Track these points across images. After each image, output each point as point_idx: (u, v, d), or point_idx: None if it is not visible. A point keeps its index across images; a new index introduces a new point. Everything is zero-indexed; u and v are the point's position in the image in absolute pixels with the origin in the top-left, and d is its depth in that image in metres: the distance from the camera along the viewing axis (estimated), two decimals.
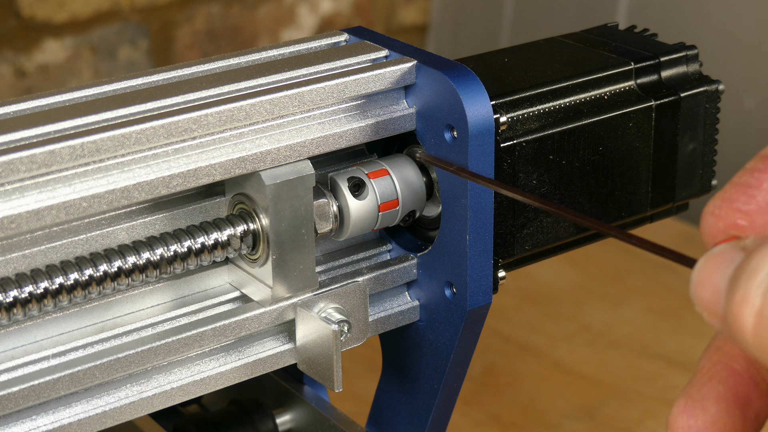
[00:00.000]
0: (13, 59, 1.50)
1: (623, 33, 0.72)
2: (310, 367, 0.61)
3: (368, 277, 0.63)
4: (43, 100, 0.57)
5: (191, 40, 1.64)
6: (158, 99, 0.57)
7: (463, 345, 0.63)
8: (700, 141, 0.69)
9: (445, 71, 0.59)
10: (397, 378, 0.67)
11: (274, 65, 0.61)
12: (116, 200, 0.54)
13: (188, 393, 0.59)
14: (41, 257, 0.55)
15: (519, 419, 1.00)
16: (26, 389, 0.54)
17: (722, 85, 0.69)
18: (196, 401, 0.76)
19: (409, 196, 0.62)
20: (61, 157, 0.52)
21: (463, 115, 0.59)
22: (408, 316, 0.65)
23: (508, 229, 0.63)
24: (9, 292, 0.53)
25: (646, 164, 0.67)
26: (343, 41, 0.65)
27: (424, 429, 0.66)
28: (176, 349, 0.58)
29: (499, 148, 0.61)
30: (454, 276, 0.62)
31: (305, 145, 0.59)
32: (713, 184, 0.71)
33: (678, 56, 0.69)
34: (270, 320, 0.60)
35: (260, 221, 0.58)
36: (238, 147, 0.57)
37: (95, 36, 1.55)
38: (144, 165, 0.55)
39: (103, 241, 0.57)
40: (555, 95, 0.65)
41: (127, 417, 0.57)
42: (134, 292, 0.59)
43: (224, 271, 0.62)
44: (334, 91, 0.59)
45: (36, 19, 1.50)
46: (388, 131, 0.61)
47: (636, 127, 0.66)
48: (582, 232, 0.66)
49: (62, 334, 0.57)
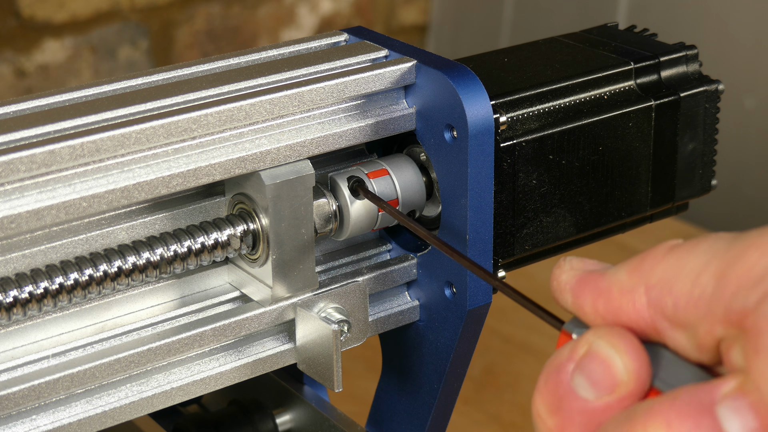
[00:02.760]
0: (13, 59, 1.50)
1: (623, 33, 0.72)
2: (310, 367, 0.61)
3: (368, 277, 0.63)
4: (43, 100, 0.57)
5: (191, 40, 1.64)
6: (158, 99, 0.57)
7: (463, 345, 0.63)
8: (700, 141, 0.69)
9: (445, 71, 0.59)
10: (397, 378, 0.67)
11: (274, 65, 0.61)
12: (116, 200, 0.54)
13: (188, 393, 0.59)
14: (41, 257, 0.55)
15: (519, 419, 1.00)
16: (26, 389, 0.54)
17: (722, 85, 0.69)
18: (196, 401, 0.76)
19: (408, 196, 0.62)
20: (61, 157, 0.52)
21: (463, 114, 0.59)
22: (408, 316, 0.65)
23: (508, 229, 0.63)
24: (9, 292, 0.53)
25: (646, 164, 0.67)
26: (342, 41, 0.65)
27: (424, 429, 0.66)
28: (176, 349, 0.58)
29: (499, 147, 0.61)
30: (454, 276, 0.62)
31: (305, 145, 0.59)
32: (713, 184, 0.71)
33: (678, 56, 0.69)
34: (270, 320, 0.60)
35: (260, 221, 0.58)
36: (238, 147, 0.57)
37: (95, 36, 1.56)
38: (144, 165, 0.55)
39: (103, 241, 0.57)
40: (555, 95, 0.65)
41: (127, 417, 0.57)
42: (134, 292, 0.59)
43: (224, 271, 0.62)
44: (333, 91, 0.59)
45: (36, 19, 1.51)
46: (387, 131, 0.61)
47: (636, 127, 0.66)
48: (582, 232, 0.66)
49: (62, 334, 0.57)
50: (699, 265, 0.41)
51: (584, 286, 0.43)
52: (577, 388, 0.41)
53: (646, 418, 0.39)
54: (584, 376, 0.41)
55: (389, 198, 0.61)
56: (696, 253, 0.41)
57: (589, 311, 0.43)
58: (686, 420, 0.39)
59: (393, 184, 0.61)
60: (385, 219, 0.62)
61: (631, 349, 0.41)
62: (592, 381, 0.41)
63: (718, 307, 0.40)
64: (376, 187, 0.61)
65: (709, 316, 0.40)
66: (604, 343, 0.41)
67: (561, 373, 0.42)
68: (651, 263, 0.42)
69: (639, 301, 0.42)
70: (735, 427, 0.38)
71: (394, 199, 0.61)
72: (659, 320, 0.42)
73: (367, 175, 0.61)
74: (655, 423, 0.39)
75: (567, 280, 0.44)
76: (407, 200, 0.62)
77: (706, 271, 0.40)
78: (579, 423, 0.41)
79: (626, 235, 0.71)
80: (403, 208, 0.62)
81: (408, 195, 0.62)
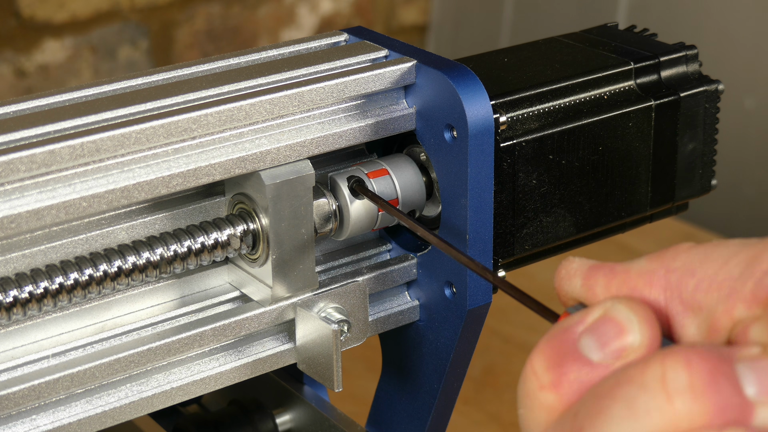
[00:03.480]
0: (13, 59, 1.50)
1: (623, 33, 0.72)
2: (310, 366, 0.61)
3: (368, 276, 0.63)
4: (43, 100, 0.57)
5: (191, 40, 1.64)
6: (158, 99, 0.57)
7: (463, 345, 0.63)
8: (700, 141, 0.69)
9: (445, 71, 0.59)
10: (397, 378, 0.67)
11: (274, 65, 0.61)
12: (116, 200, 0.54)
13: (188, 393, 0.59)
14: (41, 257, 0.55)
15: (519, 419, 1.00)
16: (26, 389, 0.54)
17: (722, 85, 0.69)
18: (196, 401, 0.76)
19: (408, 196, 0.62)
20: (61, 157, 0.52)
21: (463, 114, 0.59)
22: (408, 316, 0.65)
23: (508, 229, 0.63)
24: (9, 292, 0.53)
25: (646, 164, 0.67)
26: (342, 41, 0.65)
27: (424, 429, 0.66)
28: (176, 349, 0.58)
29: (499, 147, 0.61)
30: (454, 276, 0.62)
31: (305, 145, 0.59)
32: (713, 183, 0.71)
33: (678, 56, 0.69)
34: (270, 320, 0.60)
35: (260, 221, 0.58)
36: (238, 147, 0.57)
37: (95, 36, 1.56)
38: (144, 165, 0.55)
39: (103, 241, 0.57)
40: (555, 95, 0.65)
41: (127, 417, 0.57)
42: (134, 292, 0.59)
43: (224, 270, 0.62)
44: (333, 91, 0.60)
45: (36, 19, 1.51)
46: (387, 131, 0.61)
47: (636, 126, 0.66)
48: (582, 232, 0.67)
49: (62, 334, 0.57)
50: (728, 253, 0.41)
51: (598, 269, 0.44)
52: (583, 348, 0.41)
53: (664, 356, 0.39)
54: (594, 337, 0.41)
55: (389, 198, 0.61)
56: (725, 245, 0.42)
57: (601, 292, 0.43)
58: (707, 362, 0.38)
59: (393, 184, 0.61)
60: (385, 219, 0.62)
61: (649, 320, 0.41)
62: (602, 342, 0.41)
63: (744, 286, 0.40)
64: (376, 187, 0.61)
65: (733, 295, 0.40)
66: (624, 308, 0.41)
67: (568, 332, 0.41)
68: (674, 253, 0.43)
69: (657, 283, 0.42)
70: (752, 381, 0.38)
71: (394, 199, 0.61)
72: (674, 303, 0.42)
73: (367, 175, 0.61)
74: (675, 359, 0.38)
75: (578, 267, 0.44)
76: (407, 200, 0.62)
77: (736, 257, 0.41)
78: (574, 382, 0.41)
79: (626, 235, 0.71)
80: (403, 208, 0.62)
81: (408, 195, 0.62)
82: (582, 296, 0.44)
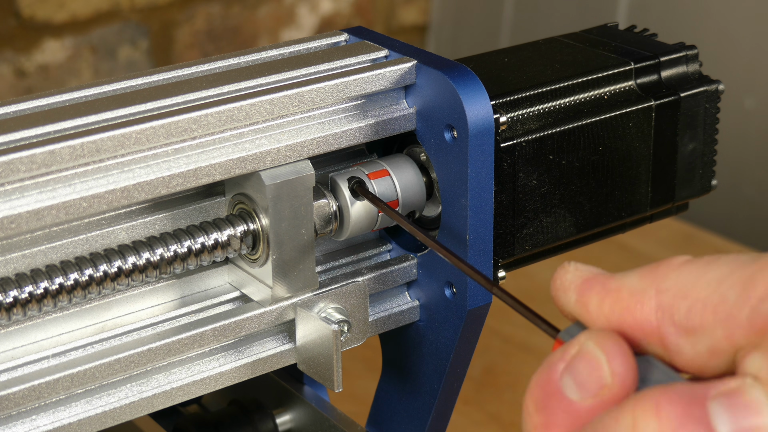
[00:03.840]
0: (13, 59, 1.50)
1: (623, 33, 0.72)
2: (310, 367, 0.61)
3: (368, 277, 0.63)
4: (43, 100, 0.57)
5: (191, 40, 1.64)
6: (158, 99, 0.57)
7: (463, 345, 0.63)
8: (700, 141, 0.69)
9: (445, 71, 0.59)
10: (397, 378, 0.67)
11: (274, 65, 0.61)
12: (116, 200, 0.54)
13: (188, 393, 0.59)
14: (41, 257, 0.55)
15: (519, 419, 1.00)
16: (26, 389, 0.54)
17: (722, 85, 0.69)
18: (196, 401, 0.76)
19: (409, 197, 0.62)
20: (61, 157, 0.52)
21: (463, 115, 0.59)
22: (408, 316, 0.65)
23: (508, 229, 0.63)
24: (9, 292, 0.53)
25: (646, 164, 0.67)
26: (343, 41, 0.65)
27: (424, 429, 0.66)
28: (176, 349, 0.58)
29: (499, 148, 0.61)
30: (454, 276, 0.62)
31: (305, 145, 0.59)
32: (713, 184, 0.71)
33: (678, 56, 0.69)
34: (270, 320, 0.60)
35: (260, 221, 0.58)
36: (238, 147, 0.57)
37: (95, 36, 1.55)
38: (144, 165, 0.55)
39: (103, 241, 0.57)
40: (555, 95, 0.65)
41: (127, 417, 0.57)
42: (134, 292, 0.59)
43: (224, 271, 0.62)
44: (334, 91, 0.59)
45: (36, 19, 1.51)
46: (388, 131, 0.61)
47: (636, 127, 0.66)
48: (582, 232, 0.66)
49: (62, 334, 0.57)
50: (721, 274, 0.41)
51: (591, 285, 0.43)
52: (564, 387, 0.42)
53: (635, 403, 0.39)
54: (572, 376, 0.41)
55: (389, 198, 0.61)
56: (717, 265, 0.41)
57: (594, 310, 0.43)
58: (676, 406, 0.38)
59: (393, 184, 0.61)
60: (385, 219, 0.62)
61: (618, 354, 0.41)
62: (578, 382, 0.41)
63: (741, 312, 0.40)
64: (377, 188, 0.61)
65: (730, 321, 0.40)
66: (593, 345, 0.41)
67: (551, 371, 0.42)
68: (665, 270, 0.42)
69: (648, 303, 0.42)
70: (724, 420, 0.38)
71: (395, 200, 0.61)
72: (666, 325, 0.41)
73: (367, 176, 0.61)
74: (645, 407, 0.39)
75: (572, 279, 0.44)
76: (407, 200, 0.62)
77: (729, 279, 0.40)
78: (562, 422, 0.41)
79: (626, 235, 0.71)
80: (403, 208, 0.62)
81: (408, 195, 0.62)
82: (577, 313, 0.44)
